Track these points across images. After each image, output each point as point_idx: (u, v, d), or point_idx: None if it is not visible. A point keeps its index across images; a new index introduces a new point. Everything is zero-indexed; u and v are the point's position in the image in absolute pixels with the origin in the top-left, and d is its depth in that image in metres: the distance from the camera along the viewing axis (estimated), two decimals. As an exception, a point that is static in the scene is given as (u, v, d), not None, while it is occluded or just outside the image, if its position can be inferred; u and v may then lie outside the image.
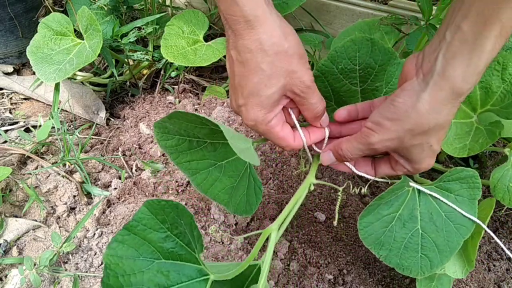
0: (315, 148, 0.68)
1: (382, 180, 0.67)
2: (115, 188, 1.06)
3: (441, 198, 0.67)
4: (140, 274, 0.51)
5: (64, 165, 1.09)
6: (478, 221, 0.68)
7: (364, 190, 0.67)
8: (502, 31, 0.47)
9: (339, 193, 0.66)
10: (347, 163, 0.65)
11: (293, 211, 0.62)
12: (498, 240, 0.68)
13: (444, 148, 0.78)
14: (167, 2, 1.40)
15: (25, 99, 1.33)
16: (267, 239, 0.59)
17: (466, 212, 0.67)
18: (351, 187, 0.68)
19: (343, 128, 0.67)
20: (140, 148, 1.17)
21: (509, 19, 0.46)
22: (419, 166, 0.58)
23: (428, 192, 0.67)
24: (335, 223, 0.67)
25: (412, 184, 0.67)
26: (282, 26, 0.55)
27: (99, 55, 1.09)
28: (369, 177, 0.66)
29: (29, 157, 1.11)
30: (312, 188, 0.66)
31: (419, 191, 0.68)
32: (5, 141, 1.17)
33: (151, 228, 0.52)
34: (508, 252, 0.66)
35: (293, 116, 0.63)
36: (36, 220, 0.97)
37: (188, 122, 0.65)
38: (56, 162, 1.09)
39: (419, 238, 0.67)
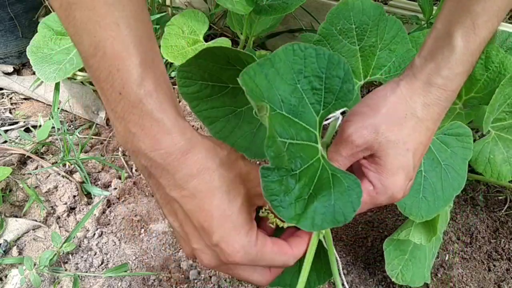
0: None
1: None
2: (115, 188, 1.06)
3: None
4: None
5: (64, 165, 1.09)
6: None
7: None
8: (475, 28, 0.49)
9: None
10: None
11: None
12: None
13: None
14: (167, 2, 1.40)
15: (25, 99, 1.33)
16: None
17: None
18: None
19: None
20: (140, 148, 1.17)
21: (478, 14, 0.48)
22: (387, 180, 0.49)
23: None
24: None
25: None
26: (206, 137, 0.48)
27: (99, 55, 1.09)
28: None
29: (29, 157, 1.11)
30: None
31: None
32: (5, 141, 1.17)
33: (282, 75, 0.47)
34: None
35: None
36: (36, 220, 0.97)
37: (214, 63, 0.60)
38: (56, 162, 1.09)
39: (422, 179, 0.68)
